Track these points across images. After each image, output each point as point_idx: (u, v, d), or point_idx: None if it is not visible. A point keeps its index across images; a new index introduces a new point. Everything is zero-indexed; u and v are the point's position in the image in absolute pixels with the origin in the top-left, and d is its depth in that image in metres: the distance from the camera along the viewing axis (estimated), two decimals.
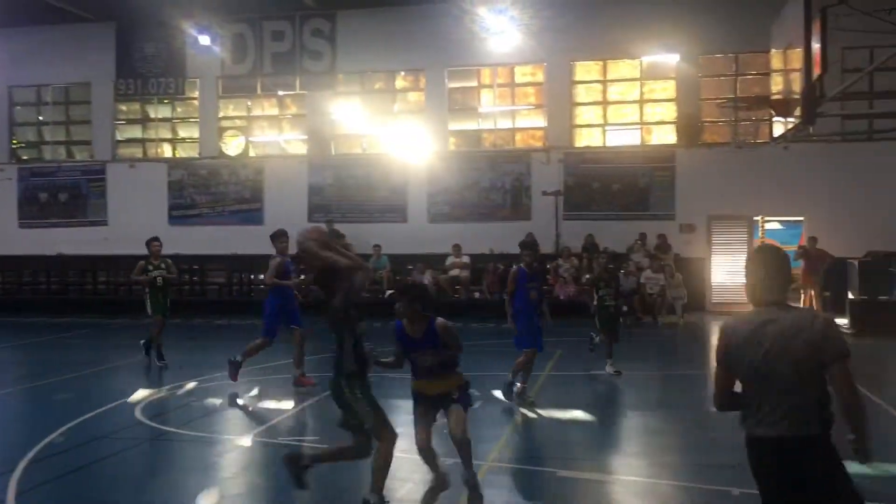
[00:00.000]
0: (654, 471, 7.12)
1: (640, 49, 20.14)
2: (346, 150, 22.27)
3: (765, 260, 3.87)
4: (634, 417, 9.14)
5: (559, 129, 20.80)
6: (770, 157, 18.09)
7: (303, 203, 21.96)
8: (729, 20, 18.99)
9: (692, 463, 7.47)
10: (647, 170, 20.14)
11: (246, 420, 9.39)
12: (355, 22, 21.36)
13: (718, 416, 8.97)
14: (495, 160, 21.16)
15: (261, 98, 22.80)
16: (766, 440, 3.70)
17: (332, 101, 22.01)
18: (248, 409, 9.84)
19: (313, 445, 7.59)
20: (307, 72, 21.82)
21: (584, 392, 10.63)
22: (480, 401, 9.81)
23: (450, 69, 21.45)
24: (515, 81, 21.48)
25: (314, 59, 21.73)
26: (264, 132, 22.92)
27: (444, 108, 21.49)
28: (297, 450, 6.93)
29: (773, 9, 13.35)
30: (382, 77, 22.18)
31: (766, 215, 20.46)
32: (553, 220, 20.16)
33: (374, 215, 21.54)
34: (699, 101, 20.08)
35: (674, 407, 9.85)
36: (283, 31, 21.89)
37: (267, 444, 8.13)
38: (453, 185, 21.15)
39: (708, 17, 19.23)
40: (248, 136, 22.70)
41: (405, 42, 20.99)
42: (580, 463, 7.35)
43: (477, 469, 7.04)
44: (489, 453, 7.55)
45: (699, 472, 7.10)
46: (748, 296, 3.90)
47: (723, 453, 7.05)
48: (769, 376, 3.67)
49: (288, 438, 8.32)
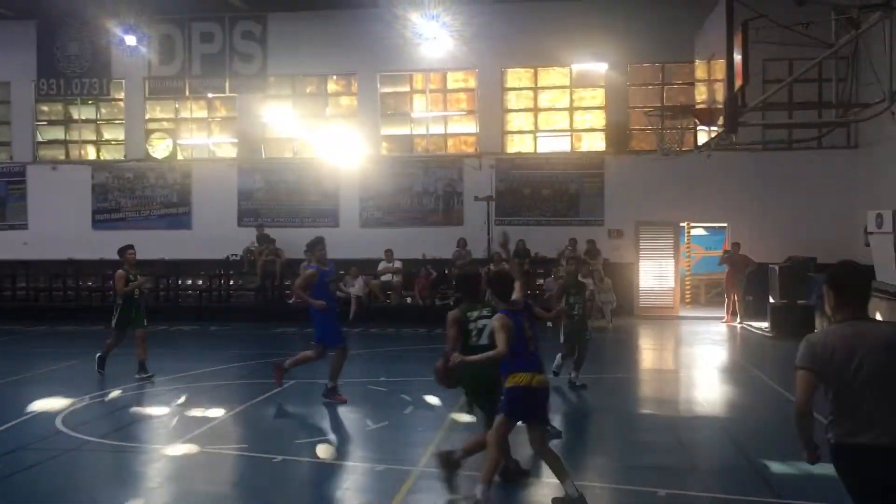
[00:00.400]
0: (583, 473, 7.21)
1: (570, 57, 20.45)
2: (276, 154, 21.99)
3: (850, 275, 4.08)
4: (565, 421, 9.24)
5: (491, 135, 20.96)
6: (695, 165, 18.52)
7: (232, 207, 21.60)
8: (656, 30, 19.46)
9: (621, 465, 7.60)
10: (576, 176, 20.46)
11: (173, 428, 9.16)
12: (287, 25, 21.13)
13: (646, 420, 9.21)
14: (428, 165, 21.18)
15: (189, 100, 22.33)
16: (872, 448, 3.80)
17: (263, 104, 21.70)
18: (175, 416, 9.60)
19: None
20: (237, 74, 21.47)
21: None
22: (412, 406, 9.83)
23: (382, 74, 21.40)
24: (448, 87, 21.56)
25: (245, 61, 21.40)
26: (193, 135, 22.45)
27: (376, 113, 21.43)
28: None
29: (696, 20, 13.71)
30: (314, 81, 21.99)
31: (692, 221, 21.02)
32: (485, 226, 20.25)
33: (306, 220, 21.30)
34: (628, 109, 20.50)
35: (603, 410, 10.01)
36: (213, 33, 21.50)
37: (194, 453, 7.95)
38: (386, 189, 21.09)
39: (635, 27, 19.68)
40: (175, 138, 22.19)
41: (337, 46, 20.85)
42: None
43: (408, 475, 7.04)
44: (420, 458, 7.54)
45: (627, 473, 7.24)
46: (831, 309, 4.11)
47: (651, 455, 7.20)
48: (871, 384, 3.81)
49: (216, 447, 8.14)
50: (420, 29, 19.61)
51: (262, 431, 9.10)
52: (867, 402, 3.84)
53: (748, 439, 8.39)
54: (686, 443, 8.32)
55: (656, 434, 8.70)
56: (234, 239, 20.98)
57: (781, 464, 7.20)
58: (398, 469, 7.22)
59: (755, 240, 18.81)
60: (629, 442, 8.44)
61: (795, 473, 6.97)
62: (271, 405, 10.26)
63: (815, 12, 11.73)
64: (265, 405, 10.24)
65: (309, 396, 10.64)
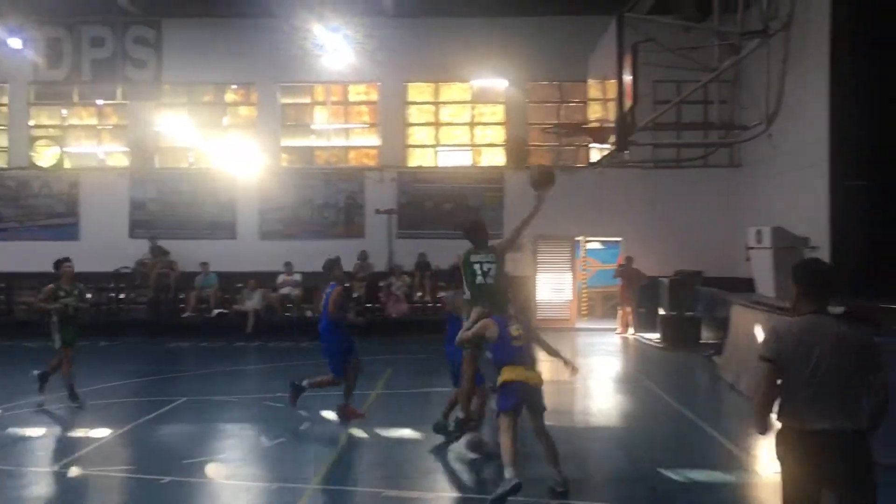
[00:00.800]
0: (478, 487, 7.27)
1: (471, 73, 20.74)
2: (171, 164, 21.36)
3: (815, 272, 4.50)
4: None
5: (393, 149, 21.00)
6: (590, 181, 19.11)
7: (124, 218, 20.86)
8: (553, 49, 19.96)
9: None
10: (477, 190, 20.72)
11: (54, 450, 8.73)
12: (182, 31, 20.56)
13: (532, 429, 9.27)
14: (329, 177, 21.03)
15: (78, 107, 21.48)
16: (824, 432, 4.18)
17: (157, 112, 21.08)
18: (58, 437, 9.16)
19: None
20: (129, 80, 20.71)
21: (413, 410, 10.70)
22: (309, 422, 9.68)
23: (282, 84, 21.15)
24: (349, 99, 21.49)
25: (137, 67, 20.68)
26: (81, 143, 21.56)
27: (276, 124, 21.14)
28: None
29: (590, 42, 14.18)
30: (211, 89, 21.52)
31: (588, 236, 21.58)
32: (386, 239, 20.29)
33: (202, 232, 20.78)
34: (527, 126, 20.92)
35: None
36: (104, 38, 20.66)
37: (77, 476, 7.60)
38: (286, 201, 20.80)
39: (535, 46, 20.13)
40: (62, 146, 21.27)
41: (236, 55, 20.49)
42: (407, 482, 7.37)
43: (302, 493, 6.93)
44: (316, 475, 7.44)
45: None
46: (795, 303, 4.47)
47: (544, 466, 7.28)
48: (828, 373, 4.22)
49: (100, 468, 7.80)
50: (321, 40, 19.52)
51: (151, 451, 8.77)
52: (818, 392, 4.22)
53: (640, 449, 8.65)
54: (580, 452, 8.50)
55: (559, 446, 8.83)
56: (126, 251, 20.24)
57: (672, 472, 7.45)
58: (292, 487, 7.10)
59: (647, 254, 19.48)
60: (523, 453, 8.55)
61: (683, 482, 7.23)
62: (162, 423, 9.91)
63: (701, 38, 12.30)
64: (155, 424, 9.88)
65: (202, 414, 10.35)
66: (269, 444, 8.74)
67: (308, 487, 7.06)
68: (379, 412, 10.32)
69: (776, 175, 16.78)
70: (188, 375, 13.94)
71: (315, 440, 8.99)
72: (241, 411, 10.65)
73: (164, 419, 10.11)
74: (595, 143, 13.97)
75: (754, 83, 11.29)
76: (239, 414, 10.51)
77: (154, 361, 15.77)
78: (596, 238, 22.33)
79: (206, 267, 19.56)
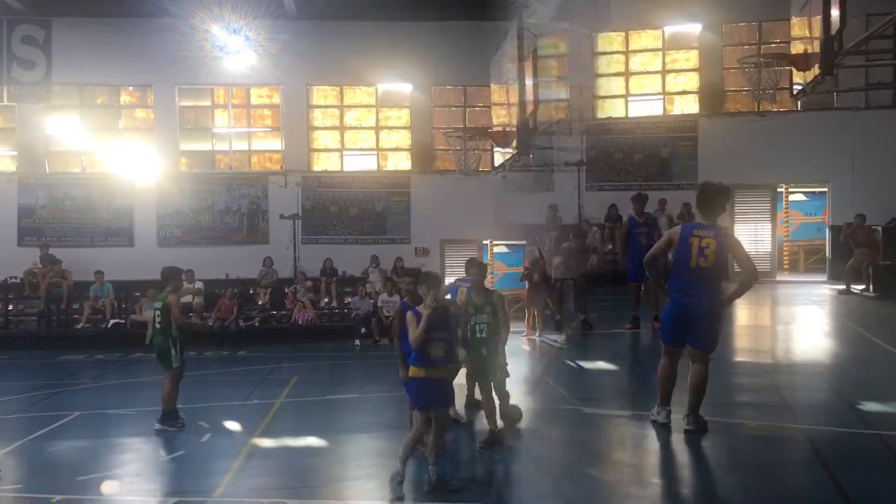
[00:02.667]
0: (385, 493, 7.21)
1: (376, 76, 20.70)
2: (62, 169, 20.50)
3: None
4: (368, 440, 9.21)
5: (296, 153, 20.74)
6: (492, 185, 19.28)
7: (12, 225, 19.94)
8: (457, 54, 20.11)
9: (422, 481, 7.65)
10: (382, 195, 20.68)
11: None
12: (74, 31, 19.79)
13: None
14: (231, 182, 20.59)
15: None
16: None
17: (47, 114, 20.20)
18: None
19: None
20: (16, 81, 19.80)
21: (319, 417, 10.55)
22: (210, 433, 9.41)
23: (180, 86, 20.60)
24: (252, 102, 21.10)
25: (25, 67, 19.79)
26: None
27: (174, 127, 20.56)
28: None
29: (493, 46, 14.36)
30: (105, 91, 20.76)
31: (493, 239, 21.77)
32: (291, 244, 19.99)
33: (97, 239, 20.04)
34: (432, 130, 21.00)
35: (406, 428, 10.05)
36: None
37: None
38: (185, 207, 20.27)
39: (439, 50, 20.25)
40: None
41: (131, 56, 19.83)
42: (312, 490, 7.25)
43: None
44: (217, 487, 7.23)
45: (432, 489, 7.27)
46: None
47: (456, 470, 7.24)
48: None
49: None
50: (221, 42, 19.12)
51: (42, 469, 8.34)
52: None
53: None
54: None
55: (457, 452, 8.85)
56: (13, 260, 19.26)
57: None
58: (192, 501, 6.88)
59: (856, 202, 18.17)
60: None
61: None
62: (54, 439, 9.45)
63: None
64: (47, 439, 9.40)
65: (98, 428, 9.92)
66: (168, 458, 8.45)
67: (209, 500, 6.86)
68: (284, 420, 10.13)
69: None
70: (82, 388, 13.37)
71: (217, 452, 8.73)
72: (138, 425, 10.23)
73: (57, 434, 9.64)
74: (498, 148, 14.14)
75: None
76: (136, 428, 10.09)
77: (46, 376, 15.02)
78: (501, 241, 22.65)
79: (101, 276, 18.76)
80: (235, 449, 8.74)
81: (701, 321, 6.86)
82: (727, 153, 19.32)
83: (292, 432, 9.35)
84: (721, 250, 6.80)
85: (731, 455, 6.34)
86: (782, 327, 13.53)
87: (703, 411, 7.11)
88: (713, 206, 7.00)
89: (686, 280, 6.92)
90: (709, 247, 6.72)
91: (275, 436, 9.19)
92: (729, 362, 10.12)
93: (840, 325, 13.42)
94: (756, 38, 20.00)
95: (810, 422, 7.28)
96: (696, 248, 6.73)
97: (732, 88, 20.08)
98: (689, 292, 6.90)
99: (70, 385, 13.67)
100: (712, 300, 6.89)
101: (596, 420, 8.69)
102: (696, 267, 6.79)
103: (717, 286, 6.90)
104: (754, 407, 7.97)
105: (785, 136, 18.97)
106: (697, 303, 6.87)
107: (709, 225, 6.92)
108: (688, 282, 6.91)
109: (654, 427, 7.55)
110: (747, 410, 7.77)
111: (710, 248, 6.73)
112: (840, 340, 12.13)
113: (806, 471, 5.95)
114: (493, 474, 7.31)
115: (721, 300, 7.00)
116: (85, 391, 13.09)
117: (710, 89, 20.11)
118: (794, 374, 9.63)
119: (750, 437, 6.74)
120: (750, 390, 8.96)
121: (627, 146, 20.38)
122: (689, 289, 6.91)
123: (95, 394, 12.81)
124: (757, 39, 19.96)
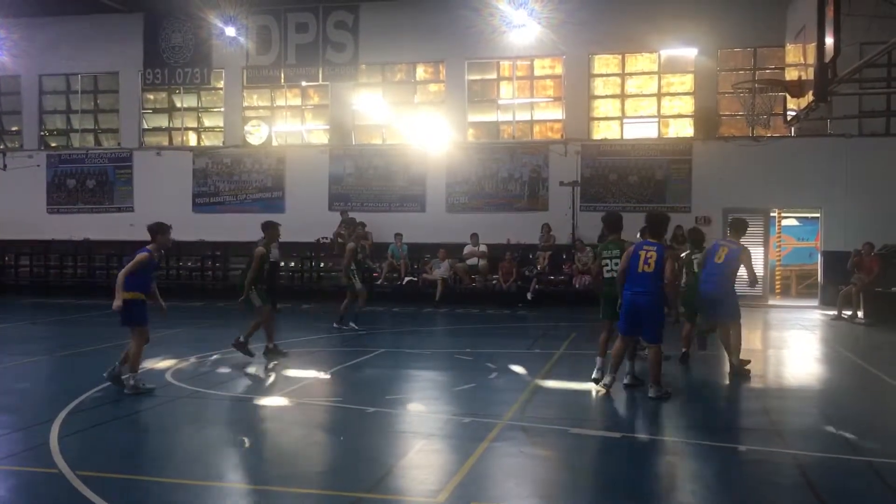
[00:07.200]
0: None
1: (658, 43, 20.38)
2: (366, 141, 22.64)
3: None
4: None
5: (577, 122, 21.06)
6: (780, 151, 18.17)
7: (323, 192, 22.35)
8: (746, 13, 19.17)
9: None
10: (663, 162, 20.39)
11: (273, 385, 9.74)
12: (377, 14, 21.74)
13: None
14: (514, 151, 21.45)
15: (284, 88, 23.18)
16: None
17: (354, 91, 22.38)
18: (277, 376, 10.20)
19: None
20: (330, 63, 22.20)
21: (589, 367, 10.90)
22: (496, 373, 10.10)
23: (469, 61, 21.77)
24: (535, 74, 21.76)
25: (337, 50, 22.12)
26: (287, 122, 23.32)
27: (463, 100, 21.81)
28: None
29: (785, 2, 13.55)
30: (403, 68, 22.52)
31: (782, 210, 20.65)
32: (570, 211, 20.46)
33: (394, 205, 21.89)
34: (717, 95, 20.29)
35: None
36: (307, 23, 22.29)
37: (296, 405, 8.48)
38: (472, 175, 21.47)
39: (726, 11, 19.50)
40: (271, 125, 23.10)
41: (426, 34, 21.35)
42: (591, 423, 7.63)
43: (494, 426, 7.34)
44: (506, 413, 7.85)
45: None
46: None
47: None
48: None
49: (313, 399, 8.62)
50: (507, 16, 19.94)
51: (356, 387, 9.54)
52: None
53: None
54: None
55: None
56: (325, 223, 21.69)
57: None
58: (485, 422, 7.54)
59: (846, 228, 18.21)
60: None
61: None
62: (363, 368, 10.72)
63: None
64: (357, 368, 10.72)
65: (398, 362, 11.04)
66: (461, 388, 9.28)
67: (499, 422, 7.50)
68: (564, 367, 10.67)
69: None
70: (384, 333, 14.94)
71: (504, 387, 9.43)
72: (433, 361, 11.34)
73: (365, 364, 10.98)
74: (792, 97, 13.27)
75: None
76: (431, 364, 11.21)
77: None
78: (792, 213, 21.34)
79: (400, 238, 20.62)
80: (521, 385, 9.40)
81: (645, 314, 8.62)
82: (721, 177, 19.75)
83: (572, 377, 9.82)
84: (660, 261, 8.59)
85: (720, 476, 6.11)
86: (773, 351, 13.09)
87: (695, 433, 7.53)
88: (659, 229, 9.14)
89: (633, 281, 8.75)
90: (651, 257, 8.62)
91: (556, 378, 9.72)
92: (720, 386, 10.08)
93: (831, 350, 13.05)
94: (751, 63, 20.11)
95: (800, 447, 6.89)
96: (643, 259, 8.64)
97: (727, 113, 20.28)
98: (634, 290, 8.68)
99: (374, 330, 15.28)
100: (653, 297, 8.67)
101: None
102: (642, 272, 8.64)
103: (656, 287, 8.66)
104: (744, 431, 7.70)
105: (778, 162, 19.17)
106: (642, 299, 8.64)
107: (654, 242, 8.88)
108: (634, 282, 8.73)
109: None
110: (737, 434, 7.49)
111: (652, 258, 8.61)
112: (831, 366, 11.72)
113: (795, 496, 5.67)
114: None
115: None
116: (386, 335, 14.65)
117: (705, 113, 20.23)
118: (785, 399, 9.18)
119: (739, 460, 6.50)
120: (741, 414, 8.74)
121: (622, 168, 20.55)
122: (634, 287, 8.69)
123: (395, 337, 14.30)
124: (752, 65, 20.06)
